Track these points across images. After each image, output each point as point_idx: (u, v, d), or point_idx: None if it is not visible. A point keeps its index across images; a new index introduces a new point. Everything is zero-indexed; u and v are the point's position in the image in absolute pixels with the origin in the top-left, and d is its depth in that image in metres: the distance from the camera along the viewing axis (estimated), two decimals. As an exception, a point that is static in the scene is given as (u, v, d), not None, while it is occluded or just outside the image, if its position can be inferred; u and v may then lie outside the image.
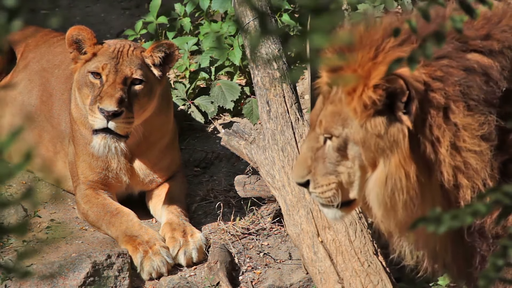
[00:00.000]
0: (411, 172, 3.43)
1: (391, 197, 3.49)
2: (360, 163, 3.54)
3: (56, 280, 4.66)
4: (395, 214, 3.53)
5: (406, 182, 3.45)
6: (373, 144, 3.46)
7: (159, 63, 5.14)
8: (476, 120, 3.37)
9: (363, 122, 3.43)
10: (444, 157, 3.41)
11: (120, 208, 5.18)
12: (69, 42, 5.13)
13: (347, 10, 5.94)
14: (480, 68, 3.37)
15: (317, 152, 3.62)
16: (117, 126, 4.92)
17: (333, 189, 3.65)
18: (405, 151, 3.41)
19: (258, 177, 5.28)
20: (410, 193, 3.47)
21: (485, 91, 3.36)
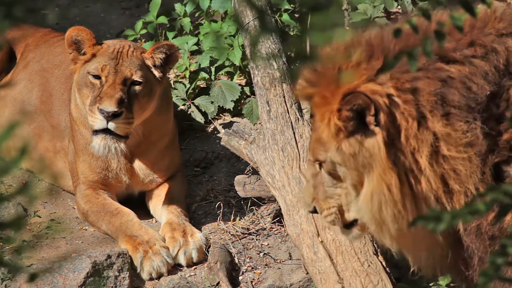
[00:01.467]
0: (392, 184, 3.46)
1: (379, 212, 3.53)
2: (351, 182, 3.59)
3: (56, 280, 4.66)
4: (386, 228, 3.57)
5: (389, 195, 3.48)
6: (353, 163, 3.52)
7: (160, 64, 5.13)
8: (459, 127, 3.39)
9: (338, 145, 3.49)
10: (424, 166, 3.43)
11: (120, 208, 5.18)
12: (68, 43, 5.13)
13: (347, 10, 5.94)
14: (459, 78, 3.38)
15: (316, 178, 3.70)
16: (117, 126, 4.92)
17: (333, 213, 3.72)
18: (383, 163, 3.45)
19: (258, 177, 5.28)
20: (396, 205, 3.49)
21: (467, 98, 3.38)
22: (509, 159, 3.37)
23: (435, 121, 3.37)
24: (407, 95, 3.39)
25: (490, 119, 3.38)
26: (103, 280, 4.78)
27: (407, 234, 3.58)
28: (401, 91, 3.39)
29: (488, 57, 3.40)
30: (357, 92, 3.40)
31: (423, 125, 3.39)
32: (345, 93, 3.40)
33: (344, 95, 3.40)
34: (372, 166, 3.47)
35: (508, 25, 3.43)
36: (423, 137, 3.39)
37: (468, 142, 3.37)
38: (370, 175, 3.49)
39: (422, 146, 3.40)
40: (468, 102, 3.37)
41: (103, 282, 4.78)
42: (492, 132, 3.37)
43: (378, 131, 3.42)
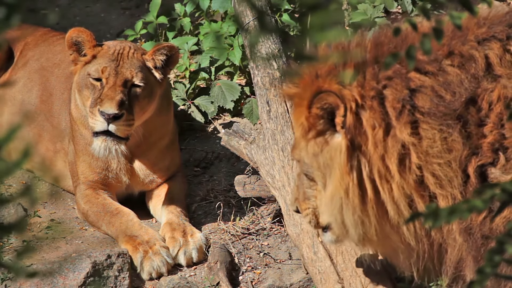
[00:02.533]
0: (349, 189, 3.48)
1: (340, 215, 3.56)
2: (320, 184, 3.61)
3: (56, 280, 4.66)
4: (350, 232, 3.59)
5: (346, 199, 3.50)
6: (316, 164, 3.54)
7: (160, 65, 5.13)
8: (431, 135, 3.40)
9: (306, 144, 3.52)
10: (393, 172, 3.44)
11: (120, 208, 5.18)
12: (69, 44, 5.13)
13: (347, 10, 5.94)
14: (430, 87, 3.40)
15: (299, 178, 3.74)
16: (117, 128, 4.92)
17: (309, 214, 3.75)
18: (342, 167, 3.47)
19: (258, 177, 5.28)
20: (355, 210, 3.51)
21: (440, 105, 3.39)
22: (494, 160, 3.39)
23: (402, 129, 3.40)
24: (372, 102, 3.42)
25: (470, 123, 3.39)
26: (103, 280, 4.78)
27: (374, 239, 3.60)
28: (367, 98, 3.42)
29: (464, 66, 3.42)
30: (328, 91, 3.43)
31: (390, 133, 3.42)
32: (316, 91, 3.43)
33: (315, 93, 3.43)
34: (332, 168, 3.50)
35: (487, 30, 3.44)
36: (391, 144, 3.42)
37: (443, 148, 3.39)
38: (330, 177, 3.52)
39: (391, 153, 3.43)
40: (441, 109, 3.39)
41: (103, 282, 4.78)
42: (474, 135, 3.38)
43: (343, 134, 3.45)
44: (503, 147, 3.37)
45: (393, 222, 3.53)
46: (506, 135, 3.37)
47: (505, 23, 3.44)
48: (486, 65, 3.40)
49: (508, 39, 3.41)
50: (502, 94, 3.36)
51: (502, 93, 3.36)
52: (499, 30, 3.42)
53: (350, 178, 3.46)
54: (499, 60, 3.38)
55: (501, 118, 3.37)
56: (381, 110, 3.42)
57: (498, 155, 3.38)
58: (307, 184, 3.71)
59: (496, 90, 3.37)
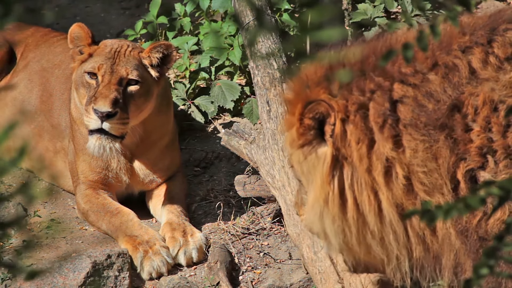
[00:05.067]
0: (329, 198, 3.50)
1: (320, 222, 3.57)
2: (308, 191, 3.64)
3: (56, 280, 4.66)
4: (331, 240, 3.60)
5: (326, 207, 3.52)
6: (300, 170, 3.57)
7: (157, 64, 5.13)
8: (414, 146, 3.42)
9: (293, 151, 3.57)
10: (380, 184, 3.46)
11: (120, 208, 5.18)
12: (70, 38, 5.14)
13: (347, 10, 5.95)
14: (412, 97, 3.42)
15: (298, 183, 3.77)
16: (111, 127, 4.92)
17: (304, 220, 3.77)
18: (323, 176, 3.49)
19: (258, 177, 5.28)
20: (335, 220, 3.53)
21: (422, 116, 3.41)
22: (483, 164, 3.39)
23: (384, 144, 3.43)
24: (355, 117, 3.46)
25: (456, 129, 3.40)
26: (103, 280, 4.78)
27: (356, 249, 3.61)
28: (351, 112, 3.45)
29: (448, 75, 3.43)
30: (319, 100, 3.46)
31: (373, 148, 3.44)
32: (306, 101, 3.47)
33: (306, 103, 3.47)
34: (313, 176, 3.53)
35: (470, 37, 3.45)
36: (375, 158, 3.45)
37: (427, 157, 3.40)
38: (312, 185, 3.54)
39: (375, 166, 3.45)
40: (423, 120, 3.41)
41: (103, 282, 4.78)
42: (461, 141, 3.39)
43: (330, 143, 3.47)
44: (492, 150, 3.38)
45: (374, 233, 3.55)
46: (494, 138, 3.37)
47: (488, 27, 3.45)
48: (470, 72, 3.41)
49: (490, 42, 3.42)
50: (488, 98, 3.37)
51: (487, 96, 3.37)
52: (480, 34, 3.43)
53: (330, 187, 3.48)
54: (481, 65, 3.40)
55: (488, 122, 3.37)
56: (363, 125, 3.46)
57: (487, 158, 3.38)
58: (302, 190, 3.75)
59: (482, 94, 3.38)
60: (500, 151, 3.37)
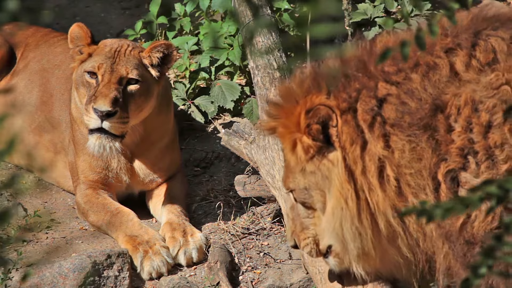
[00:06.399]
0: (349, 197, 3.51)
1: (340, 229, 3.58)
2: (320, 206, 3.64)
3: (56, 280, 4.66)
4: (349, 247, 3.60)
5: (346, 209, 3.53)
6: (314, 182, 3.57)
7: (157, 63, 5.13)
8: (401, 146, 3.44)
9: (302, 167, 3.55)
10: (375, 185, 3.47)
11: (120, 208, 5.18)
12: (70, 38, 5.15)
13: (347, 10, 5.95)
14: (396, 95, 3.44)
15: (293, 211, 3.76)
16: (111, 126, 4.92)
17: (309, 243, 3.77)
18: (340, 176, 3.51)
19: (258, 177, 5.28)
20: (353, 220, 3.54)
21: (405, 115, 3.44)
22: (464, 165, 3.40)
23: (375, 143, 3.45)
24: (346, 116, 3.47)
25: (439, 130, 3.41)
26: (103, 280, 4.78)
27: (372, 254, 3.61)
28: (342, 111, 3.46)
29: (428, 74, 3.46)
30: (318, 105, 3.50)
31: (366, 148, 3.46)
32: (307, 109, 3.49)
33: (307, 111, 3.48)
34: (331, 180, 3.53)
35: (452, 39, 3.48)
36: (368, 159, 3.47)
37: (413, 158, 3.41)
38: (330, 191, 3.55)
39: (369, 167, 3.47)
40: (407, 120, 3.43)
41: (103, 282, 4.78)
42: (443, 142, 3.40)
43: (337, 144, 3.49)
44: (473, 151, 3.39)
45: (384, 233, 3.56)
46: (475, 139, 3.38)
47: (471, 30, 3.48)
48: (453, 72, 3.44)
49: (473, 46, 3.44)
50: (470, 98, 3.39)
51: (469, 96, 3.39)
52: (464, 38, 3.46)
53: (350, 185, 3.49)
54: (465, 67, 3.42)
55: (469, 122, 3.39)
56: (354, 124, 3.47)
57: (468, 159, 3.39)
58: (304, 213, 3.73)
59: (464, 95, 3.40)
60: (482, 152, 3.38)
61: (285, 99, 3.60)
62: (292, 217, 3.79)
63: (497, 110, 3.38)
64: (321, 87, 3.53)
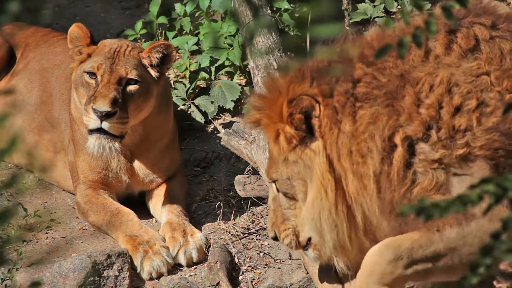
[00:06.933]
0: (329, 187, 3.52)
1: (319, 220, 3.59)
2: (301, 197, 3.64)
3: (56, 280, 4.66)
4: (327, 238, 3.61)
5: (326, 199, 3.54)
6: (296, 171, 3.58)
7: (157, 63, 5.13)
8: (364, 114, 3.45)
9: (285, 156, 3.57)
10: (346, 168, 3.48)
11: (120, 208, 5.18)
12: (70, 38, 5.15)
13: (347, 10, 5.94)
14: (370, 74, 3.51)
15: (275, 202, 3.75)
16: (110, 126, 4.92)
17: (289, 234, 3.77)
18: (322, 166, 3.51)
19: (258, 177, 5.28)
20: (331, 211, 3.55)
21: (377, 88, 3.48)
22: (424, 136, 3.42)
23: (345, 122, 3.46)
24: (327, 101, 3.48)
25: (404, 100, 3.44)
26: (103, 280, 4.78)
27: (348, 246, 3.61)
28: (323, 97, 3.48)
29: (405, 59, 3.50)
30: (300, 94, 3.52)
31: (340, 130, 3.47)
32: (289, 99, 3.50)
33: (289, 101, 3.50)
34: (312, 170, 3.54)
35: None
36: (341, 142, 3.47)
37: (369, 122, 3.43)
38: (312, 181, 3.56)
39: (342, 151, 3.48)
40: (375, 93, 3.47)
41: (103, 282, 4.78)
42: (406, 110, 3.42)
43: (318, 135, 3.50)
44: (438, 126, 3.41)
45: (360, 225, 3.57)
46: (443, 116, 3.40)
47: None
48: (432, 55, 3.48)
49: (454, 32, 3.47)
50: (446, 79, 3.42)
51: (446, 77, 3.42)
52: (444, 23, 3.48)
53: (331, 175, 3.50)
54: (445, 51, 3.44)
55: (440, 101, 3.41)
56: (333, 109, 3.48)
57: (430, 132, 3.41)
58: (285, 204, 3.73)
59: (440, 75, 3.42)
60: (444, 130, 3.40)
61: (269, 90, 3.63)
62: (273, 208, 3.79)
63: (471, 97, 3.41)
64: (305, 76, 3.55)
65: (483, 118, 3.40)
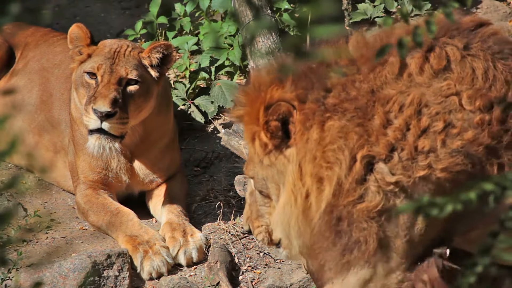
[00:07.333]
0: (299, 195, 3.51)
1: (288, 225, 3.58)
2: (275, 198, 3.64)
3: (56, 280, 4.67)
4: (292, 242, 3.61)
5: (295, 206, 3.54)
6: (271, 175, 3.57)
7: (157, 64, 5.13)
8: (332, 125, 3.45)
9: (261, 158, 3.57)
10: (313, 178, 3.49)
11: (120, 208, 5.18)
12: (70, 39, 5.15)
13: (347, 10, 5.95)
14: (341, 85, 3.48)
15: (251, 196, 3.76)
16: (111, 126, 4.93)
17: (262, 232, 3.77)
18: (294, 173, 3.50)
19: (258, 177, 5.27)
20: (298, 217, 3.54)
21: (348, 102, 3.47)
22: (387, 158, 3.40)
23: (314, 130, 3.45)
24: (303, 105, 3.48)
25: (374, 120, 3.42)
26: (103, 280, 4.78)
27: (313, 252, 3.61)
28: (300, 101, 3.48)
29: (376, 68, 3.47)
30: (278, 100, 3.48)
31: (309, 136, 3.47)
32: (266, 105, 3.49)
33: (266, 107, 3.48)
34: (285, 176, 3.54)
35: None
36: (309, 148, 3.46)
37: (339, 136, 3.42)
38: (284, 186, 3.55)
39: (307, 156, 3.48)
40: (345, 106, 3.44)
41: (103, 282, 4.78)
42: (375, 131, 3.40)
43: (293, 140, 3.49)
44: (401, 148, 3.39)
45: None
46: (408, 138, 3.38)
47: None
48: (406, 72, 3.45)
49: (429, 51, 3.45)
50: (417, 99, 3.39)
51: (416, 98, 3.39)
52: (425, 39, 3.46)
53: (302, 183, 3.49)
54: (419, 70, 3.43)
55: (408, 123, 3.39)
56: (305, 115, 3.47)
57: (393, 154, 3.39)
58: (260, 201, 3.73)
59: (412, 95, 3.40)
60: (407, 151, 3.38)
61: (253, 87, 3.61)
62: (249, 202, 3.80)
63: (439, 118, 3.39)
64: (285, 79, 3.54)
65: (448, 140, 3.38)
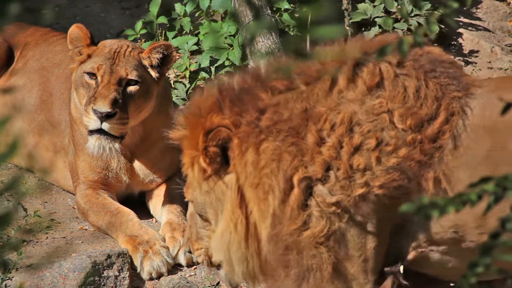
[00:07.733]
0: (238, 222, 3.48)
1: (228, 251, 3.56)
2: (214, 224, 3.62)
3: (56, 280, 4.67)
4: (234, 269, 3.59)
5: (235, 233, 3.50)
6: (208, 202, 3.55)
7: (157, 64, 5.13)
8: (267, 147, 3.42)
9: (199, 183, 3.55)
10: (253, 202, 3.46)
11: (120, 208, 5.18)
12: (69, 39, 5.15)
13: (347, 10, 5.95)
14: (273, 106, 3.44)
15: (192, 218, 3.74)
16: (111, 127, 4.93)
17: (201, 254, 3.75)
18: (233, 201, 3.48)
19: (258, 177, 5.26)
20: (240, 245, 3.52)
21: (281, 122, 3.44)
22: (323, 178, 3.38)
23: (250, 151, 3.43)
24: (238, 129, 3.46)
25: (307, 139, 3.39)
26: (103, 280, 4.78)
27: (259, 277, 3.59)
28: (235, 126, 3.45)
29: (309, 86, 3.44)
30: (218, 126, 3.46)
31: (246, 160, 3.44)
32: (206, 130, 3.45)
33: (206, 132, 3.45)
34: (224, 203, 3.52)
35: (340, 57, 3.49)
36: (248, 172, 3.44)
37: (272, 158, 3.40)
38: (222, 213, 3.53)
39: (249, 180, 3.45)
40: (278, 127, 3.41)
41: (103, 282, 4.78)
42: (309, 151, 3.38)
43: (232, 166, 3.46)
44: (337, 166, 3.37)
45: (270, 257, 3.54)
46: (342, 157, 3.36)
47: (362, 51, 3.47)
48: (336, 89, 3.42)
49: (360, 66, 3.44)
50: (347, 118, 3.37)
51: (347, 116, 3.37)
52: (351, 57, 3.44)
53: (241, 211, 3.47)
54: (348, 86, 3.41)
55: (341, 141, 3.37)
56: (240, 141, 3.44)
57: (329, 173, 3.37)
58: (200, 224, 3.71)
59: (343, 113, 3.38)
60: (343, 170, 3.36)
61: (193, 111, 3.55)
62: (190, 224, 3.77)
63: (371, 136, 3.37)
64: (223, 104, 3.49)
65: (383, 157, 3.36)
